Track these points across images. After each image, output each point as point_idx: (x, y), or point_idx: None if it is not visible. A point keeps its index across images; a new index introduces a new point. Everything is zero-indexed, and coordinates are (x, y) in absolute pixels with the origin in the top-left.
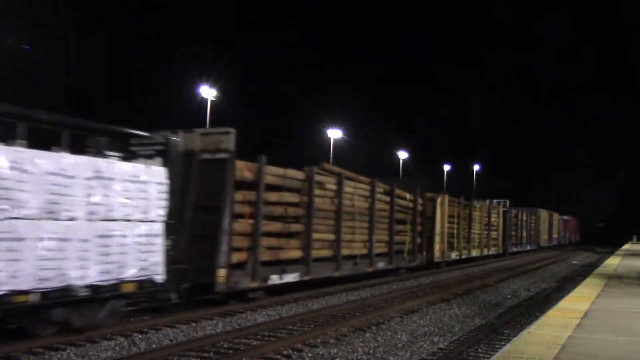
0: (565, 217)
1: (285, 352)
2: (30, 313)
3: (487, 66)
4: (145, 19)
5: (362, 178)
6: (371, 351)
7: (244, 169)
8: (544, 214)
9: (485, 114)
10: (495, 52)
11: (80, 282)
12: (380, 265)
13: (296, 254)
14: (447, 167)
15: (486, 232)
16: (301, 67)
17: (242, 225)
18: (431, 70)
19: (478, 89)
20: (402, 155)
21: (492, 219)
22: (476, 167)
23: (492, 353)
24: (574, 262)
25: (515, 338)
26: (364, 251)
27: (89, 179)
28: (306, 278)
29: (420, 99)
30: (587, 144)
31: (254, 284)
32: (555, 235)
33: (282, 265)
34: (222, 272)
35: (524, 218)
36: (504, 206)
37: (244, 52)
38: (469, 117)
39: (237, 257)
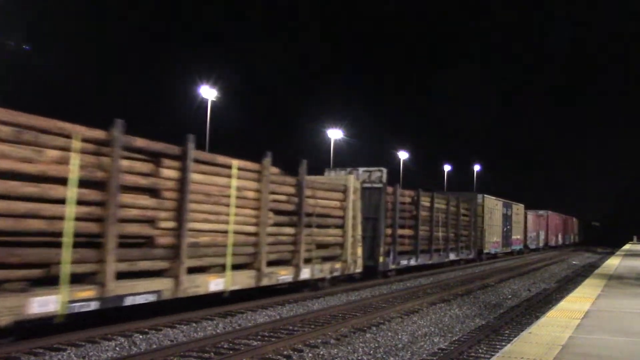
0: (541, 212)
1: (285, 353)
2: None
3: (487, 65)
4: (144, 18)
5: None
6: (372, 352)
7: None
8: (490, 202)
9: (485, 114)
10: (495, 52)
11: None
12: None
13: None
14: (447, 167)
15: (292, 232)
16: (301, 67)
17: None
18: (431, 70)
19: (479, 88)
20: (403, 155)
21: (324, 202)
22: (477, 168)
23: (493, 353)
24: (574, 262)
25: (516, 338)
26: None
27: None
28: None
29: (420, 99)
30: (587, 144)
31: None
32: (517, 237)
33: None
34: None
35: (441, 207)
36: (377, 180)
37: (245, 53)
38: (469, 117)
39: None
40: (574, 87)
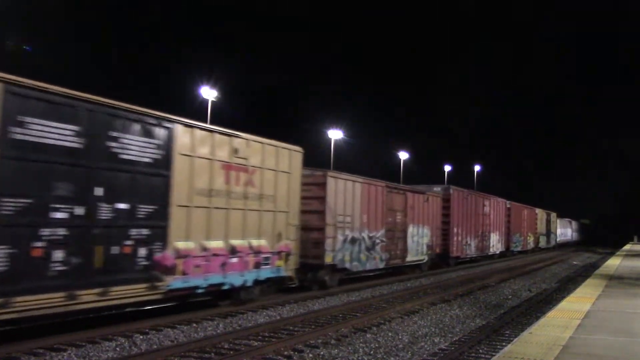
0: (436, 188)
1: (286, 353)
2: None
3: (487, 65)
4: (145, 18)
5: None
6: (372, 352)
7: None
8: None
9: (485, 114)
10: (495, 51)
11: None
12: None
13: None
14: (447, 168)
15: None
16: (301, 67)
17: None
18: (431, 70)
19: (479, 88)
20: (403, 155)
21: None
22: (477, 168)
23: (493, 354)
24: (574, 262)
25: (516, 339)
26: None
27: None
28: None
29: (420, 99)
30: (587, 144)
31: None
32: (283, 242)
33: None
34: None
35: None
36: None
37: (244, 52)
38: (470, 118)
39: None
40: (575, 87)
